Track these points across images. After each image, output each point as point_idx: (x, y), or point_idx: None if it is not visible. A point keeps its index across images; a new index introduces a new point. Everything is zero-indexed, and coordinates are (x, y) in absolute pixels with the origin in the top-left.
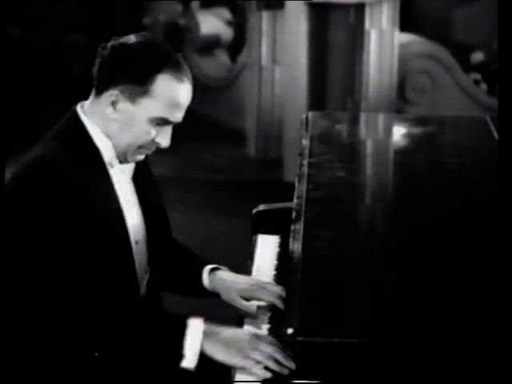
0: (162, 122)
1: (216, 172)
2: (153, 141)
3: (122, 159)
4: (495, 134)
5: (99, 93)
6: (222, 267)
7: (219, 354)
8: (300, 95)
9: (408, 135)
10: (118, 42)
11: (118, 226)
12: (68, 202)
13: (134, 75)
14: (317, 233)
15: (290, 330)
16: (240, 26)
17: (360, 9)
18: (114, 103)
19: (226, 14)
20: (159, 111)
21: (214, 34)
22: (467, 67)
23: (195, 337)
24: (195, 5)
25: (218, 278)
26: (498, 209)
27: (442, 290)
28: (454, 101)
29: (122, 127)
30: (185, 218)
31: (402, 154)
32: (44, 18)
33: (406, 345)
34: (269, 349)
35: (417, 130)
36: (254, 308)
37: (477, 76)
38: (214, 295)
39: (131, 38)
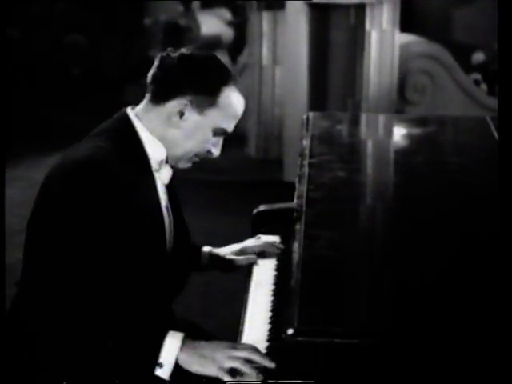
0: (221, 132)
1: (216, 172)
2: (208, 150)
3: (173, 164)
4: (495, 134)
5: (161, 101)
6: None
7: (194, 366)
8: (300, 95)
9: (408, 135)
10: (183, 52)
11: (157, 231)
12: (114, 202)
13: (204, 86)
14: (317, 233)
15: (290, 330)
16: (240, 26)
17: (360, 9)
18: (180, 112)
19: (226, 14)
20: (222, 122)
21: (215, 34)
22: (467, 67)
23: (172, 349)
24: (196, 5)
25: (215, 256)
26: (498, 209)
27: (442, 289)
28: (454, 101)
29: (185, 135)
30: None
31: (402, 154)
32: (44, 18)
33: (405, 345)
34: (243, 353)
35: (417, 130)
36: (254, 257)
37: (477, 76)
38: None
39: (193, 50)
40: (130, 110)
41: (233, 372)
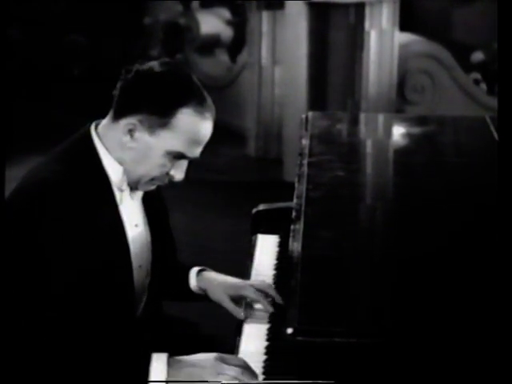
0: (178, 156)
1: (216, 172)
2: (167, 173)
3: (133, 187)
4: (495, 134)
5: (117, 118)
6: (208, 269)
7: None
8: (300, 95)
9: (408, 135)
10: (142, 67)
11: (119, 252)
12: (66, 227)
13: (156, 106)
14: (317, 233)
15: (289, 330)
16: (240, 25)
17: (360, 9)
18: (131, 131)
19: (226, 13)
20: (177, 145)
21: (214, 33)
22: (467, 67)
23: (159, 371)
24: (195, 5)
25: (206, 278)
26: (498, 208)
27: (443, 289)
28: (453, 101)
29: (137, 157)
30: (185, 217)
31: (402, 153)
32: (44, 18)
33: (406, 344)
34: (233, 371)
35: (417, 130)
36: (242, 314)
37: (477, 76)
38: (201, 298)
39: (157, 66)
40: (93, 128)
41: None
